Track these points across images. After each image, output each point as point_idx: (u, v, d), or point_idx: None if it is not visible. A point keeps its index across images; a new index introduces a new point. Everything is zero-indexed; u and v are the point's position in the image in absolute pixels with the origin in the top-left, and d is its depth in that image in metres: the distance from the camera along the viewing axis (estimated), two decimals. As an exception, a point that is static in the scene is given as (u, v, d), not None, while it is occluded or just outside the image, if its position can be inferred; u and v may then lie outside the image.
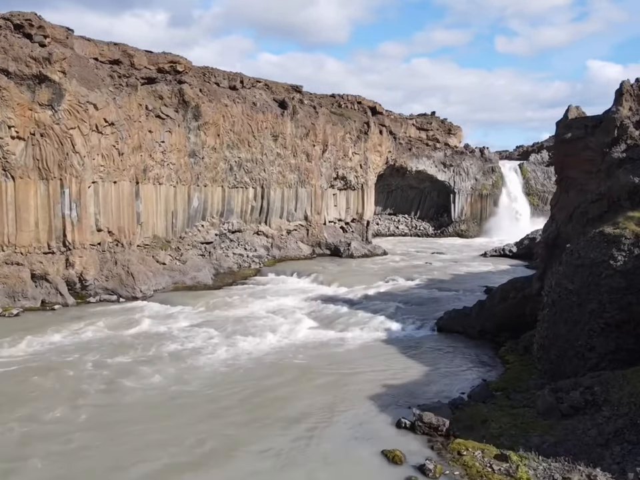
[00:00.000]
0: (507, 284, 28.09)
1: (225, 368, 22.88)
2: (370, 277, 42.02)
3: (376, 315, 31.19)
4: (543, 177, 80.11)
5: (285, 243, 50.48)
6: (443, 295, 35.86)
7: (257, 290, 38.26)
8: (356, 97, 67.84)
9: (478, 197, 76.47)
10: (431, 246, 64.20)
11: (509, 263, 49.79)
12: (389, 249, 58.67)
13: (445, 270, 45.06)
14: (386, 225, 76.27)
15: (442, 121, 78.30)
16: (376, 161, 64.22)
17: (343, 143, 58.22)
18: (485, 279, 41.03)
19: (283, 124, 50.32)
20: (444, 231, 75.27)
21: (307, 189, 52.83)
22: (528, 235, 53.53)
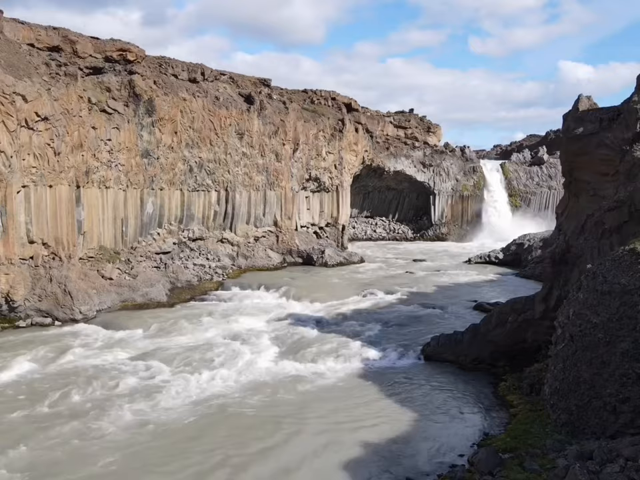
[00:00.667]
0: (505, 306, 24.03)
1: (157, 426, 18.29)
2: (345, 290, 37.75)
3: (352, 339, 26.89)
4: (526, 177, 76.83)
5: (252, 251, 45.93)
6: (427, 312, 31.72)
7: (218, 308, 33.65)
8: (330, 92, 63.54)
9: (459, 199, 72.80)
10: (410, 251, 60.23)
11: (495, 271, 45.98)
12: (366, 256, 54.52)
13: (428, 281, 41.00)
14: (363, 228, 72.16)
15: (421, 119, 74.46)
16: (351, 161, 60.02)
17: (315, 141, 53.88)
18: (472, 292, 37.08)
19: (249, 120, 45.75)
20: (424, 235, 71.44)
21: (276, 192, 48.35)
22: (515, 240, 49.83)
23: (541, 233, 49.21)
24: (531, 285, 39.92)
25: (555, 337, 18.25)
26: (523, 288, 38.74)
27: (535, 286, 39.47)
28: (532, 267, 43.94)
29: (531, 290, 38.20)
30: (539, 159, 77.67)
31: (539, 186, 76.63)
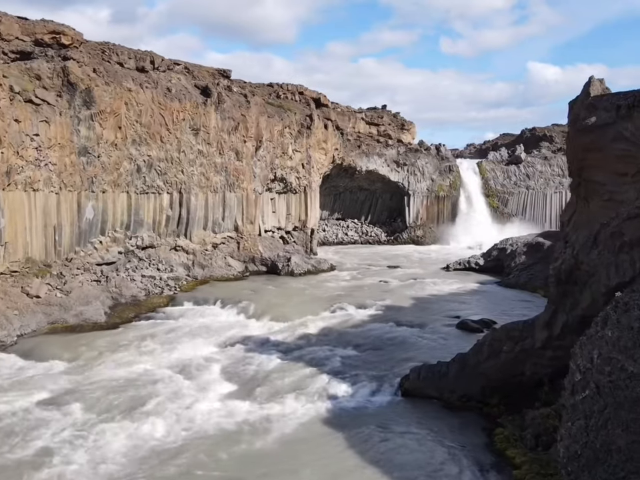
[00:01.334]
0: (499, 332, 20.10)
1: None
2: (312, 305, 33.54)
3: (318, 369, 22.70)
4: (503, 177, 73.70)
5: (209, 259, 41.41)
6: (404, 332, 27.68)
7: (164, 328, 29.09)
8: (297, 86, 59.38)
9: (434, 199, 69.25)
10: (384, 256, 56.34)
11: (476, 279, 42.29)
12: (337, 262, 50.42)
13: (404, 292, 37.04)
14: (333, 231, 68.08)
15: (394, 115, 70.76)
16: (321, 160, 55.89)
17: (281, 138, 49.59)
18: (453, 305, 33.24)
19: (205, 115, 41.22)
20: (398, 238, 67.69)
21: (236, 194, 43.90)
22: (496, 245, 46.27)
23: (524, 237, 45.75)
24: (516, 295, 36.41)
25: (569, 381, 14.31)
26: (508, 300, 35.15)
27: (520, 296, 35.96)
28: (516, 274, 40.41)
29: (516, 301, 34.62)
30: (516, 157, 74.65)
31: (517, 186, 73.60)
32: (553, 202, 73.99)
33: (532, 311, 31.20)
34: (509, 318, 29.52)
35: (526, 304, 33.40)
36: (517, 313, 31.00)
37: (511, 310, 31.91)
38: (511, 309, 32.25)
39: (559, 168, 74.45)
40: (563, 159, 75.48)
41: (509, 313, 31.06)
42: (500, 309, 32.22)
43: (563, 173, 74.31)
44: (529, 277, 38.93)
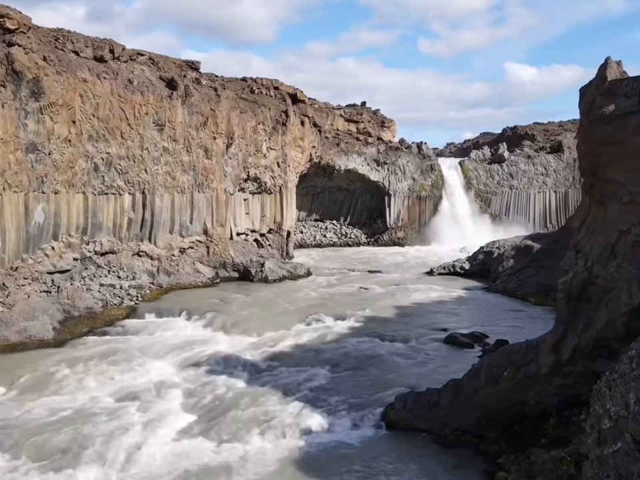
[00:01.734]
0: (497, 356, 17.44)
1: None
2: (286, 316, 30.66)
3: (289, 396, 19.85)
4: (486, 176, 71.58)
5: (176, 266, 38.29)
6: (387, 349, 24.93)
7: (120, 346, 25.95)
8: (272, 81, 56.49)
9: (416, 199, 66.81)
10: (364, 259, 53.74)
11: (462, 284, 39.81)
12: (314, 266, 47.63)
13: (386, 300, 34.35)
14: (311, 233, 65.24)
15: (374, 112, 68.17)
16: (297, 158, 53.03)
17: (254, 135, 46.61)
18: (439, 315, 30.64)
19: (171, 109, 38.08)
20: (378, 239, 65.09)
21: (206, 194, 40.81)
22: (482, 248, 43.85)
23: (511, 240, 43.42)
24: (505, 303, 33.97)
25: (593, 427, 11.64)
26: (497, 308, 32.68)
27: (510, 304, 33.54)
28: (504, 279, 37.99)
29: (507, 311, 32.11)
30: (499, 156, 72.61)
31: (500, 185, 71.57)
32: (536, 202, 72.13)
33: (525, 321, 28.81)
34: (501, 330, 27.05)
35: (517, 314, 30.94)
36: (509, 325, 28.55)
37: (502, 320, 29.42)
38: (502, 319, 29.75)
39: (542, 167, 72.64)
40: (547, 157, 73.81)
41: (500, 324, 28.58)
42: (490, 319, 29.70)
43: (546, 172, 72.55)
44: (518, 282, 36.53)
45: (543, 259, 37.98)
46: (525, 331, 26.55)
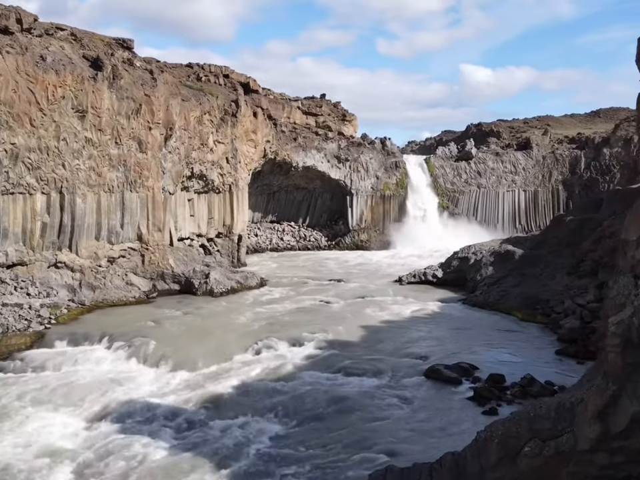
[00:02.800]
0: (514, 423, 12.39)
1: None
2: (231, 342, 25.20)
3: (224, 471, 14.51)
4: (453, 174, 67.48)
5: (103, 278, 32.32)
6: (355, 388, 19.80)
7: (8, 392, 20.02)
8: (222, 68, 50.84)
9: (380, 199, 62.09)
10: (325, 265, 48.66)
11: (436, 295, 35.09)
12: (269, 274, 42.26)
13: (351, 318, 29.26)
14: (267, 236, 59.75)
15: (334, 105, 63.14)
16: (249, 154, 47.52)
17: (199, 127, 40.89)
18: (415, 339, 25.71)
19: (95, 93, 32.07)
20: (340, 242, 60.07)
21: (140, 194, 34.90)
22: (456, 254, 39.25)
23: (488, 244, 39.01)
24: (489, 320, 29.32)
25: None
26: (482, 327, 27.99)
27: (495, 320, 28.87)
28: (484, 290, 33.42)
29: (494, 330, 27.30)
30: (466, 153, 68.63)
31: (468, 184, 67.60)
32: (505, 202, 68.44)
33: (518, 345, 24.18)
34: (491, 359, 22.29)
35: (506, 334, 26.30)
36: (499, 350, 23.87)
37: (490, 343, 24.70)
38: (489, 341, 25.05)
39: (511, 165, 69.01)
40: (516, 154, 70.25)
41: (489, 349, 23.87)
42: (475, 342, 24.94)
43: (515, 170, 68.97)
44: (500, 293, 32.00)
45: (526, 266, 33.60)
46: (522, 361, 21.89)
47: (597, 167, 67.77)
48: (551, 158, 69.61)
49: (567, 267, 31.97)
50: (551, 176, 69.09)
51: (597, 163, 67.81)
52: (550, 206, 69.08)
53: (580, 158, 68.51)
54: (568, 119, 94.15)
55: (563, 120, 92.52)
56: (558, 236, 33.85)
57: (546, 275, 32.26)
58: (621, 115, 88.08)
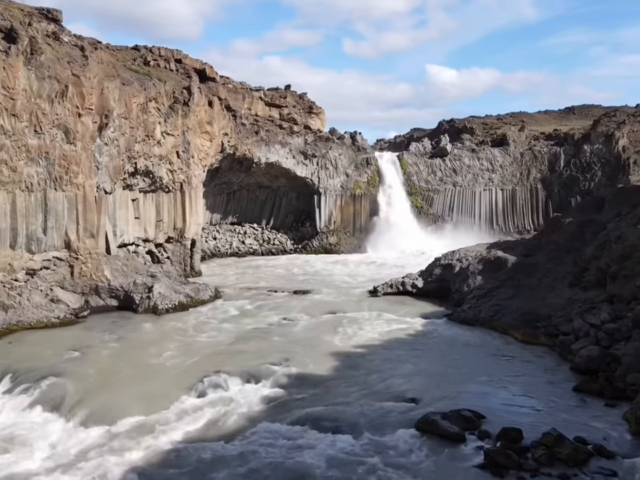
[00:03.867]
0: None
1: None
2: (169, 379, 19.97)
3: None
4: (427, 172, 63.21)
5: (18, 296, 26.65)
6: (326, 453, 14.74)
7: None
8: (174, 51, 45.42)
9: (350, 199, 57.37)
10: (290, 271, 43.69)
11: (417, 310, 30.41)
12: (226, 285, 37.16)
13: (319, 342, 24.31)
14: (227, 239, 54.39)
15: (300, 96, 58.14)
16: (204, 148, 42.14)
17: (143, 115, 35.41)
18: (399, 370, 20.89)
19: (7, 70, 26.36)
20: (307, 246, 55.10)
21: (67, 193, 29.23)
22: (439, 261, 34.68)
23: (474, 249, 34.56)
24: (483, 341, 24.85)
25: None
26: (477, 352, 23.47)
27: (491, 343, 24.39)
28: (472, 304, 28.87)
29: (492, 356, 22.55)
30: (441, 149, 64.44)
31: (443, 182, 63.43)
32: (482, 201, 64.49)
33: (527, 378, 19.61)
34: (499, 401, 17.60)
35: (509, 363, 21.66)
36: (505, 386, 19.18)
37: (492, 377, 20.01)
38: (490, 374, 20.36)
39: (488, 162, 65.11)
40: (493, 151, 66.38)
41: (493, 386, 19.19)
42: (473, 374, 20.24)
43: (492, 167, 65.08)
44: (493, 308, 27.49)
45: (520, 275, 29.20)
46: (536, 405, 17.27)
47: (577, 164, 64.37)
48: (529, 155, 65.97)
49: (569, 276, 27.66)
50: (529, 174, 65.44)
51: (577, 160, 64.41)
52: (528, 206, 65.49)
53: (559, 155, 65.03)
54: (542, 116, 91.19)
55: (537, 116, 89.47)
56: (556, 240, 29.57)
57: (544, 286, 27.89)
58: (595, 113, 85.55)
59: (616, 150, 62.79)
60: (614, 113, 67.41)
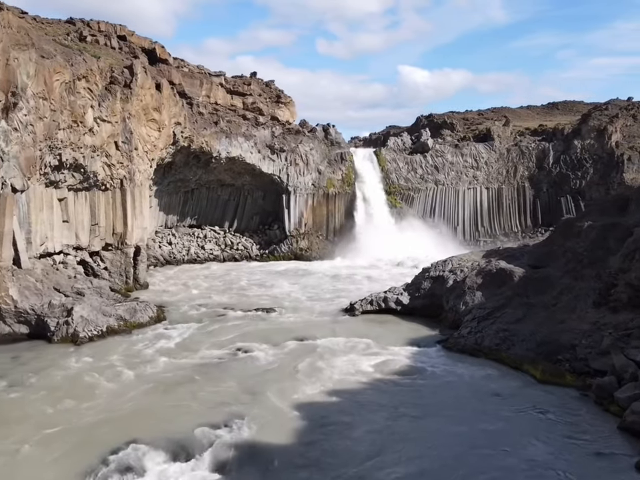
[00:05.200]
0: None
1: None
2: (59, 458, 13.89)
3: None
4: (407, 169, 57.84)
5: None
6: None
7: None
8: (116, 27, 39.06)
9: (323, 198, 51.67)
10: (254, 282, 37.77)
11: (403, 333, 24.81)
12: (174, 302, 31.15)
13: (282, 387, 18.45)
14: (184, 244, 48.16)
15: (267, 84, 52.16)
16: (151, 139, 35.95)
17: (70, 97, 29.09)
18: (388, 446, 15.13)
19: None
20: (275, 251, 49.18)
21: (-43, 191, 22.87)
22: (428, 272, 29.07)
23: (468, 258, 29.09)
24: (491, 383, 19.27)
25: None
26: (488, 402, 17.77)
27: (500, 384, 18.75)
28: (473, 328, 23.31)
29: (502, 406, 16.65)
30: (422, 144, 59.13)
31: (424, 180, 58.11)
32: (466, 200, 59.36)
33: (573, 458, 13.91)
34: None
35: (535, 421, 16.02)
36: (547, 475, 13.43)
37: (522, 451, 14.32)
38: (514, 445, 14.65)
39: (472, 158, 60.03)
40: (477, 147, 61.33)
41: (525, 469, 13.47)
42: (494, 453, 14.48)
43: (477, 164, 60.01)
44: (500, 335, 21.97)
45: (530, 292, 23.77)
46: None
47: (567, 161, 59.68)
48: (516, 151, 61.08)
49: (592, 294, 22.29)
50: (516, 171, 60.53)
51: (567, 156, 59.72)
52: (515, 205, 60.61)
53: (548, 151, 60.26)
54: (524, 111, 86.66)
55: (519, 112, 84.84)
56: (573, 249, 24.19)
57: (562, 305, 22.48)
58: (580, 108, 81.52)
59: (609, 145, 58.27)
60: (605, 106, 62.88)
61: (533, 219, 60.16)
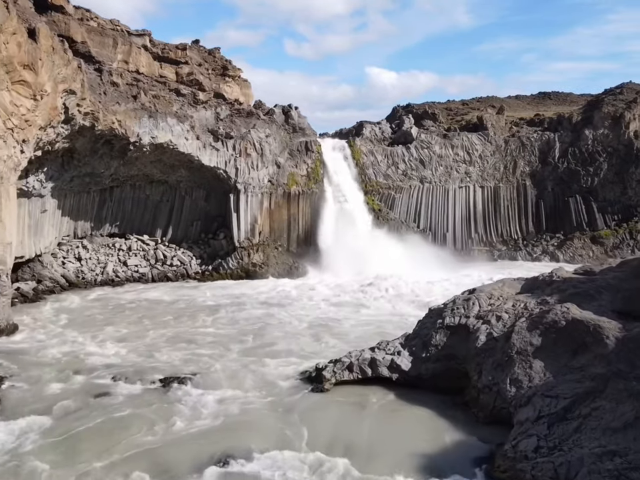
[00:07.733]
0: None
1: None
2: None
3: None
4: (387, 163, 47.26)
5: None
6: None
7: None
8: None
9: (283, 199, 40.54)
10: (184, 314, 26.57)
11: (413, 439, 13.88)
12: (37, 362, 19.76)
13: None
14: (100, 259, 36.46)
15: (209, 52, 40.76)
16: (21, 110, 24.29)
17: None
18: None
19: None
20: (220, 267, 37.84)
21: None
22: (439, 317, 18.04)
23: (500, 290, 18.20)
24: None
25: None
26: None
27: None
28: (542, 437, 12.48)
29: None
30: (404, 134, 48.59)
31: (407, 177, 47.61)
32: (457, 201, 49.03)
33: None
34: None
35: None
36: None
37: None
38: None
39: (464, 151, 49.75)
40: (470, 137, 51.14)
41: None
42: None
43: (470, 158, 49.76)
44: (609, 467, 11.16)
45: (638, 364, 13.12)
46: None
47: (576, 154, 49.92)
48: (515, 143, 51.08)
49: None
50: (515, 167, 50.57)
51: (575, 149, 49.97)
52: (515, 208, 50.65)
53: (553, 143, 50.40)
54: (514, 101, 77.11)
55: (508, 101, 75.16)
56: None
57: None
58: (573, 99, 72.63)
59: (626, 136, 48.72)
60: (620, 90, 53.31)
61: (536, 224, 50.31)
